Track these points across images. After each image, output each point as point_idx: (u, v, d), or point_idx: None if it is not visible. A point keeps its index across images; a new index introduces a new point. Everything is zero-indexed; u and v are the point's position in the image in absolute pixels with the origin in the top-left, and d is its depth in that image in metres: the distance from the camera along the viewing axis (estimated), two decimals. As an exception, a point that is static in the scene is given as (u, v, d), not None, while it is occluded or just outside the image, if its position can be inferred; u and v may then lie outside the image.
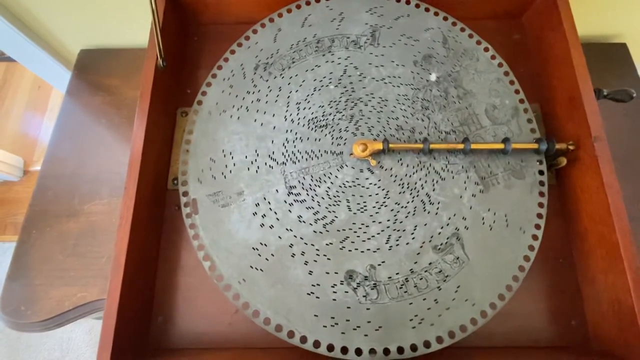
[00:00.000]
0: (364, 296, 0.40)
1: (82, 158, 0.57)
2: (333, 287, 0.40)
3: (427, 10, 0.51)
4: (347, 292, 0.40)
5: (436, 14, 0.51)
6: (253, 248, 0.42)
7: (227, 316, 0.45)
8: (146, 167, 0.44)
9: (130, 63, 0.62)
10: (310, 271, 0.41)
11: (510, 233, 0.43)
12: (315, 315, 0.39)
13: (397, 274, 0.41)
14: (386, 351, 0.38)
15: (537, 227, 0.43)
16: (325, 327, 0.39)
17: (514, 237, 0.43)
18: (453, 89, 0.48)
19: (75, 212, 0.53)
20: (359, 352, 0.38)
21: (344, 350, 0.38)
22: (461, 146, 0.44)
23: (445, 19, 0.50)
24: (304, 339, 0.38)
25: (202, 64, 0.56)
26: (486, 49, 0.49)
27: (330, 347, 0.38)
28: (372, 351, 0.38)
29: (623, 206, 0.41)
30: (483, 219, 0.43)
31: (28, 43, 0.63)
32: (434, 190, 0.44)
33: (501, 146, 0.45)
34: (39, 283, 0.49)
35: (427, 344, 0.38)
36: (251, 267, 0.42)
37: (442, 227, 0.43)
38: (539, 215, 0.44)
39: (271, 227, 0.43)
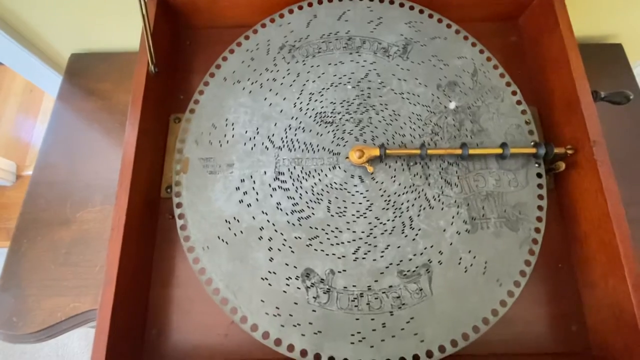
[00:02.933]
0: (314, 297, 0.39)
1: (74, 164, 0.54)
2: (288, 279, 0.40)
3: (465, 38, 0.49)
4: (299, 288, 0.40)
5: (474, 44, 0.49)
6: (226, 220, 0.43)
7: (222, 327, 0.43)
8: (138, 176, 0.43)
9: (122, 67, 0.60)
10: (271, 258, 0.41)
11: (485, 282, 0.41)
12: (261, 300, 0.39)
13: (354, 286, 0.40)
14: (317, 356, 0.37)
15: (517, 284, 0.41)
16: (268, 314, 0.39)
17: (488, 287, 0.41)
18: (469, 123, 0.46)
19: (68, 220, 0.51)
20: (291, 348, 0.37)
21: (278, 342, 0.37)
22: (459, 151, 0.43)
23: (481, 51, 0.49)
24: (244, 319, 0.38)
25: (195, 69, 0.54)
26: (514, 93, 0.47)
27: (266, 335, 0.38)
28: (304, 352, 0.37)
29: (623, 211, 0.39)
30: (460, 259, 0.42)
31: (17, 47, 0.60)
32: (418, 216, 0.43)
33: (499, 151, 0.43)
34: (31, 294, 0.48)
35: (359, 364, 0.37)
36: (218, 237, 0.42)
37: (414, 255, 0.41)
38: (522, 273, 0.42)
39: (249, 205, 0.43)
